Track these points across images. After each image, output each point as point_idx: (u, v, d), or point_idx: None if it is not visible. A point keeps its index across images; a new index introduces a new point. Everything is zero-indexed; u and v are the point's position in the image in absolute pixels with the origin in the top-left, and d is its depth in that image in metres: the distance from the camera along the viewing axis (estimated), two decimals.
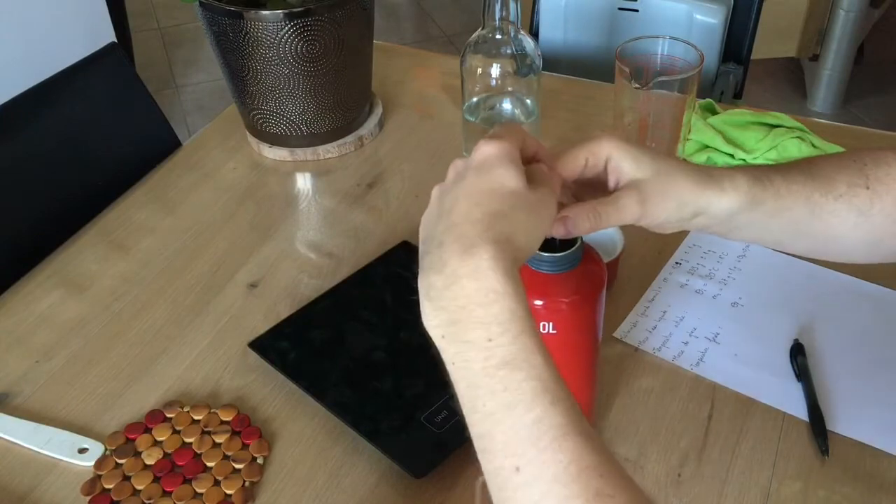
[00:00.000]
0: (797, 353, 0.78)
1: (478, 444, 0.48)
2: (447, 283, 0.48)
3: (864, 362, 0.78)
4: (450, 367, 0.48)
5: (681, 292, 0.86)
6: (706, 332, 0.82)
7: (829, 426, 0.72)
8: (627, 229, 0.94)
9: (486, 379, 0.46)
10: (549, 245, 0.58)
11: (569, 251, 0.58)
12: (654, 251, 0.91)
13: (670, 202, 0.58)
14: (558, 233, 0.56)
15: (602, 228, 0.57)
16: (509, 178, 0.51)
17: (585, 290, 0.59)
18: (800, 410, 0.74)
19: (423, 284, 0.49)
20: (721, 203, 0.59)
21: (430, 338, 0.49)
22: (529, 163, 0.55)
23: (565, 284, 0.59)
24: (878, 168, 0.67)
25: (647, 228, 0.59)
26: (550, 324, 0.59)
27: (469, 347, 0.47)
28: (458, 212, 0.50)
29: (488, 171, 0.51)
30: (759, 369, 0.78)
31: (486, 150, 0.52)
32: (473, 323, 0.47)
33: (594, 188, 0.59)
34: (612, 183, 0.59)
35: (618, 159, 0.58)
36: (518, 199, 0.50)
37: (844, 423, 0.73)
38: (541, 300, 0.59)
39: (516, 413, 0.46)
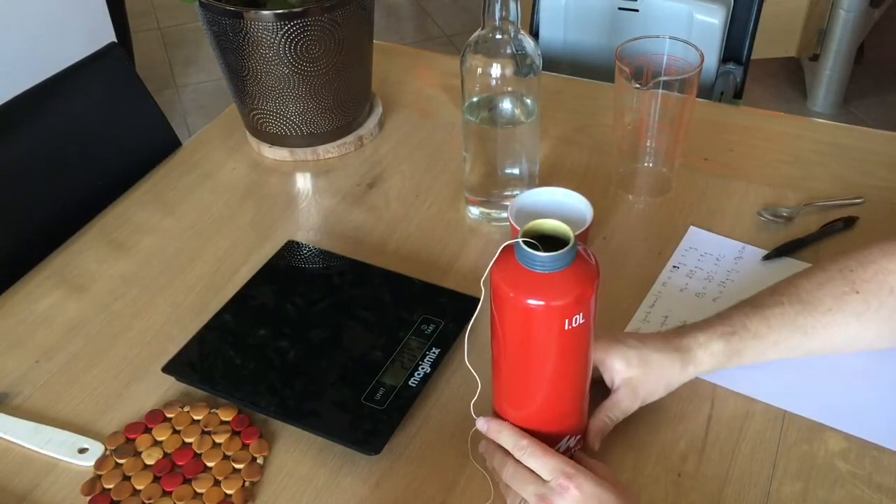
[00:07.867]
0: None
1: None
2: None
3: (865, 361, 0.78)
4: None
5: (680, 297, 0.86)
6: None
7: (832, 424, 0.73)
8: (622, 229, 0.94)
9: None
10: (543, 244, 0.58)
11: (562, 251, 0.57)
12: (653, 252, 0.91)
13: (660, 387, 0.71)
14: (592, 449, 0.68)
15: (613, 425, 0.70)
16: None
17: (579, 289, 0.59)
18: (800, 410, 0.74)
19: None
20: (702, 369, 0.72)
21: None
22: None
23: (559, 284, 0.58)
24: (865, 270, 0.73)
25: None
26: None
27: None
28: None
29: None
30: (760, 370, 0.78)
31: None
32: None
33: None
34: (608, 380, 0.71)
35: (610, 361, 0.70)
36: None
37: (847, 421, 0.73)
38: (535, 300, 0.58)
39: None
